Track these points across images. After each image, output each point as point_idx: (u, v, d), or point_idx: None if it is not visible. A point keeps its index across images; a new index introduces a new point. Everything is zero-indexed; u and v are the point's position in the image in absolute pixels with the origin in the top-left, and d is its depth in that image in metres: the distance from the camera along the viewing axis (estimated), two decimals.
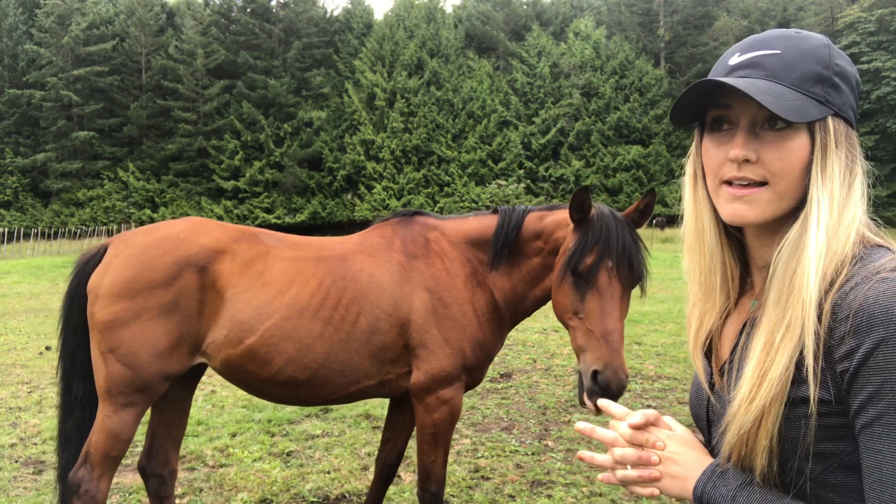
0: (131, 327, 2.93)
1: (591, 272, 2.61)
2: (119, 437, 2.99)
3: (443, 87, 49.08)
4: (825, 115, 1.02)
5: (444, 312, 3.09)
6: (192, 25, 50.24)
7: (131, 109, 49.49)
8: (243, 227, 3.34)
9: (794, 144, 1.03)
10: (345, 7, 57.08)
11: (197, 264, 3.00)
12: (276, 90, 48.67)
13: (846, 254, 1.00)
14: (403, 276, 3.14)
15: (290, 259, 3.18)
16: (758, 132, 1.05)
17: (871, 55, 46.01)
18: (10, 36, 49.43)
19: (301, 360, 3.03)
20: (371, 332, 3.07)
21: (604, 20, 55.99)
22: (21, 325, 11.18)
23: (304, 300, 3.06)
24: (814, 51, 1.05)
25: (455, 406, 3.14)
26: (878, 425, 0.90)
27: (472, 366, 3.15)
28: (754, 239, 1.14)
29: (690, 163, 1.19)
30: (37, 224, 45.18)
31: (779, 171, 1.03)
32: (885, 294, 0.92)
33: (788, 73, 1.03)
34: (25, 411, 6.14)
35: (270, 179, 48.50)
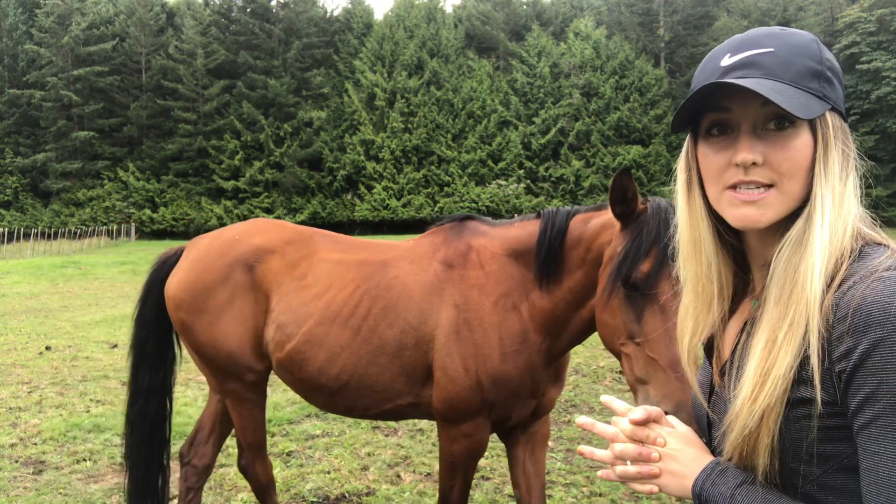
0: (203, 330, 3.08)
1: (650, 281, 2.10)
2: (245, 429, 3.23)
3: (443, 87, 49.08)
4: (825, 109, 1.01)
5: (467, 335, 2.69)
6: (192, 25, 50.24)
7: (131, 109, 49.49)
8: (303, 228, 3.27)
9: (798, 143, 1.01)
10: (345, 7, 57.10)
11: (246, 263, 3.06)
12: (276, 90, 48.67)
13: (844, 248, 0.99)
14: (436, 287, 2.80)
15: (334, 262, 3.03)
16: (760, 134, 1.03)
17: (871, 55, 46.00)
18: (10, 36, 49.43)
19: (330, 371, 2.88)
20: (399, 347, 2.80)
21: (604, 20, 55.99)
22: (21, 325, 11.18)
23: (336, 306, 2.90)
24: (805, 46, 1.04)
25: (476, 443, 2.78)
26: (875, 427, 0.89)
27: (492, 401, 2.71)
28: (756, 239, 1.12)
29: (683, 170, 1.15)
30: (37, 224, 45.18)
31: (787, 172, 1.01)
32: (882, 293, 0.90)
33: (786, 71, 1.01)
34: (25, 411, 6.14)
35: (270, 179, 48.50)
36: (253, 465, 3.33)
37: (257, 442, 3.28)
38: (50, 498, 4.26)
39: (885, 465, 0.89)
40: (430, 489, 4.42)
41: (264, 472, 3.36)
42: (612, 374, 7.53)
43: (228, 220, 48.04)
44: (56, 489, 4.40)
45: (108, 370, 7.72)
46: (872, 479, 0.90)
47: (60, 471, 4.72)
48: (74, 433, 5.46)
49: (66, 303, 14.16)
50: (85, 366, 7.98)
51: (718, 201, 1.08)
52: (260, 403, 3.22)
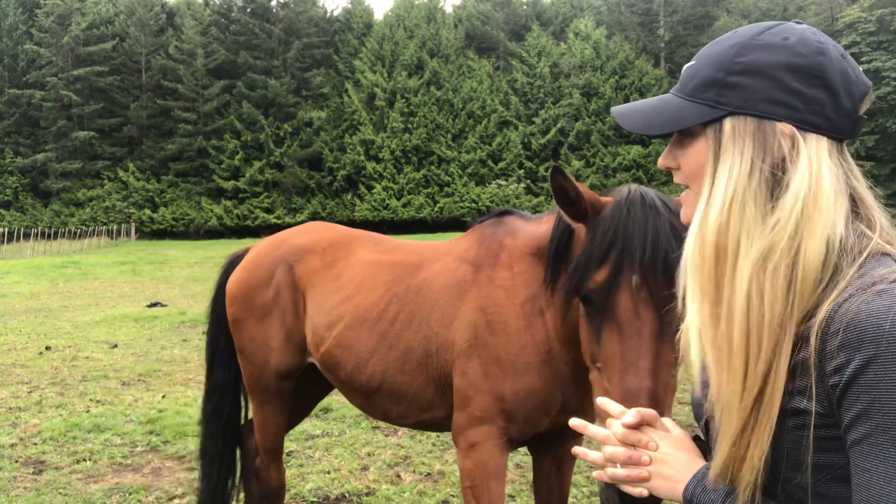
0: (248, 327, 3.14)
1: (604, 295, 1.72)
2: (266, 431, 3.24)
3: (443, 87, 49.09)
4: (713, 116, 1.02)
5: (490, 340, 2.45)
6: (192, 25, 50.24)
7: (131, 109, 49.50)
8: (351, 231, 3.24)
9: (695, 149, 1.08)
10: (345, 7, 57.12)
11: (287, 262, 3.10)
12: (276, 90, 48.67)
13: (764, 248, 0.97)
14: (462, 289, 2.59)
15: (368, 263, 2.94)
16: (678, 142, 1.12)
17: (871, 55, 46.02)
18: (10, 36, 49.44)
19: (359, 377, 2.79)
20: (425, 354, 2.63)
21: (604, 20, 56.00)
22: (21, 325, 11.18)
23: (365, 309, 2.79)
24: (717, 55, 1.05)
25: (485, 455, 2.47)
26: (867, 444, 0.89)
27: (514, 414, 2.44)
28: None
29: None
30: (37, 224, 45.18)
31: (690, 175, 1.10)
32: (877, 309, 0.89)
33: (690, 82, 1.07)
34: (25, 411, 6.14)
35: (270, 179, 48.51)
36: (268, 468, 3.36)
37: (275, 446, 3.32)
38: (50, 498, 4.26)
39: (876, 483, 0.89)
40: (430, 489, 4.42)
41: (278, 477, 3.38)
42: None
43: (228, 220, 48.07)
44: (56, 489, 4.40)
45: (108, 370, 7.73)
46: (863, 495, 0.91)
47: (60, 471, 4.71)
48: (74, 433, 5.46)
49: (66, 303, 14.17)
50: (85, 366, 7.98)
51: None
52: (283, 409, 3.26)
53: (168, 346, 9.08)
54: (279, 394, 3.18)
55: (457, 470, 4.71)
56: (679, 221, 1.52)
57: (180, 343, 9.34)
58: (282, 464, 3.41)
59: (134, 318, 11.43)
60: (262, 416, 3.24)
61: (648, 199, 1.77)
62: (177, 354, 8.57)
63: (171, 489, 4.41)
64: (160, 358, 8.35)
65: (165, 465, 4.84)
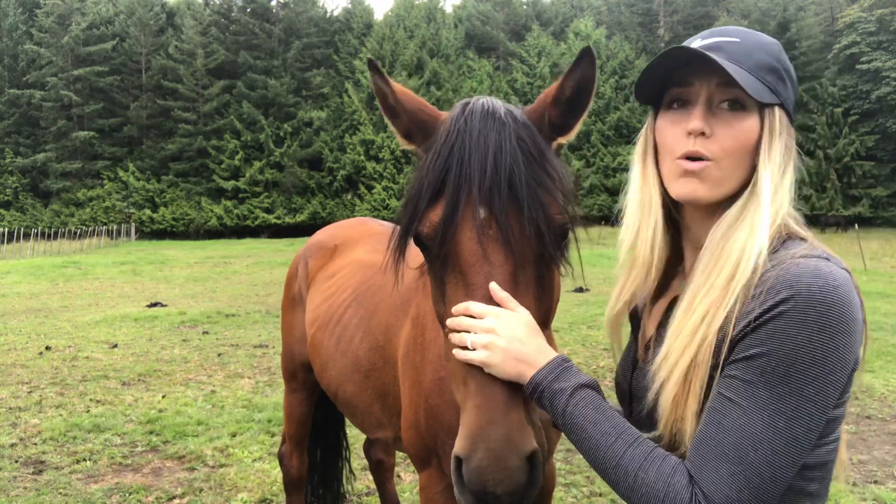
0: (284, 315, 3.33)
1: (441, 236, 1.26)
2: (291, 418, 3.31)
3: (443, 87, 49.07)
4: (775, 101, 1.08)
5: (414, 359, 2.03)
6: (192, 25, 50.24)
7: (131, 109, 49.50)
8: (377, 229, 3.23)
9: (745, 125, 1.07)
10: (345, 7, 57.12)
11: (305, 258, 3.25)
12: (276, 90, 48.67)
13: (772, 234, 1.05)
14: (404, 297, 2.21)
15: (353, 263, 2.85)
16: (714, 111, 1.09)
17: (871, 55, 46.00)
18: (10, 36, 49.43)
19: (323, 379, 2.72)
20: (370, 368, 2.34)
21: (604, 20, 55.99)
22: (21, 325, 11.17)
23: (332, 310, 2.68)
24: (767, 45, 1.11)
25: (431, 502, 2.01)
26: (744, 377, 0.95)
27: (433, 448, 1.96)
28: (693, 220, 1.17)
29: (641, 141, 1.22)
30: (37, 224, 45.18)
31: (728, 149, 1.07)
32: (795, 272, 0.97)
33: (747, 59, 1.08)
34: (25, 411, 6.14)
35: (270, 179, 48.50)
36: (290, 456, 3.42)
37: (299, 435, 3.38)
38: (50, 498, 4.26)
39: (734, 413, 0.94)
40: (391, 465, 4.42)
41: (300, 467, 3.43)
42: (613, 374, 7.53)
43: (228, 220, 48.08)
44: (56, 489, 4.40)
45: (108, 370, 7.72)
46: (716, 418, 0.96)
47: (60, 471, 4.71)
48: (74, 433, 5.46)
49: (66, 303, 14.16)
50: (85, 366, 7.98)
51: (669, 174, 1.13)
52: (309, 401, 3.32)
53: (168, 346, 9.08)
54: (304, 383, 3.25)
55: None
56: (530, 136, 1.27)
57: (180, 343, 9.34)
58: (305, 455, 3.45)
59: (134, 318, 11.43)
60: (288, 403, 3.33)
61: (490, 108, 1.30)
62: (177, 354, 8.57)
63: (171, 489, 4.41)
64: (160, 358, 8.35)
65: (165, 465, 4.84)
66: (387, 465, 3.75)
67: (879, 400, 6.37)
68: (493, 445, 1.03)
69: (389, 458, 3.75)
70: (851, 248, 24.48)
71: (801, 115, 49.49)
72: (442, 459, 1.95)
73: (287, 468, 3.44)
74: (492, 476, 1.02)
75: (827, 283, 0.94)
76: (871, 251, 25.59)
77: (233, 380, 7.24)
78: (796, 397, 0.92)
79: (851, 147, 46.85)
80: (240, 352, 8.68)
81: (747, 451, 0.92)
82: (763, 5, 53.82)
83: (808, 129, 48.90)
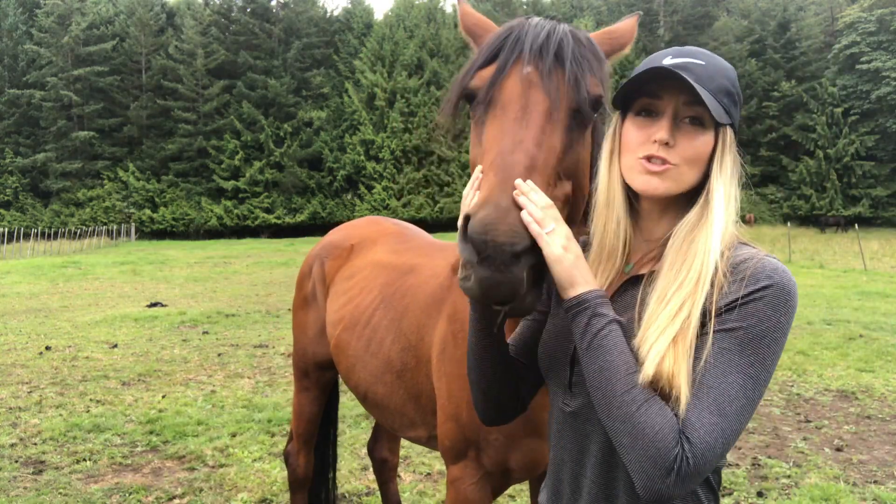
0: (297, 315, 3.34)
1: (489, 85, 1.43)
2: (300, 417, 3.34)
3: (443, 87, 49.05)
4: (728, 122, 1.24)
5: (452, 353, 2.12)
6: (192, 25, 50.25)
7: (131, 109, 49.50)
8: (389, 227, 3.24)
9: (703, 139, 1.25)
10: (345, 7, 57.11)
11: (321, 257, 3.25)
12: (276, 90, 48.68)
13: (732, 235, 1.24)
14: (437, 297, 2.33)
15: (374, 264, 2.88)
16: (677, 124, 1.25)
17: (871, 55, 46.00)
18: (10, 36, 49.43)
19: (350, 381, 2.75)
20: (402, 368, 2.43)
21: (604, 20, 56.00)
22: (21, 325, 11.17)
23: (357, 313, 2.72)
24: (726, 70, 1.28)
25: (461, 494, 2.09)
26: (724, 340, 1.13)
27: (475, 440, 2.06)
28: (648, 214, 1.35)
29: (609, 142, 1.36)
30: (37, 224, 45.18)
31: (687, 158, 1.24)
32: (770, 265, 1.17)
33: (710, 82, 1.24)
34: (25, 411, 6.14)
35: (270, 179, 48.50)
36: (297, 454, 3.44)
37: (307, 434, 3.40)
38: (50, 498, 4.26)
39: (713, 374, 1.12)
40: (430, 489, 4.42)
41: (307, 465, 3.45)
42: None
43: (228, 220, 48.09)
44: (56, 489, 4.40)
45: (108, 370, 7.73)
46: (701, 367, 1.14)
47: (60, 471, 4.71)
48: (74, 433, 5.46)
49: (66, 303, 14.17)
50: (85, 366, 7.98)
51: (630, 168, 1.29)
52: (319, 400, 3.35)
53: (168, 346, 9.08)
54: (317, 383, 3.28)
55: None
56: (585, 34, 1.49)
57: (180, 343, 9.34)
58: (311, 454, 3.47)
59: (134, 318, 11.43)
60: (298, 401, 3.35)
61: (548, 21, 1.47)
62: (177, 354, 8.57)
63: (171, 489, 4.41)
64: (160, 358, 8.36)
65: (165, 465, 4.84)
66: (391, 464, 3.75)
67: (879, 400, 6.37)
68: (500, 204, 1.20)
69: (394, 457, 3.76)
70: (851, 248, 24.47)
71: (801, 115, 49.49)
72: (483, 450, 2.06)
73: (293, 467, 3.45)
74: (493, 225, 1.17)
75: (790, 277, 1.18)
76: (871, 251, 25.58)
77: (233, 380, 7.24)
78: (761, 365, 1.13)
79: (851, 147, 46.85)
80: (240, 352, 8.68)
81: (725, 406, 1.11)
82: (763, 5, 53.81)
83: (808, 129, 48.89)
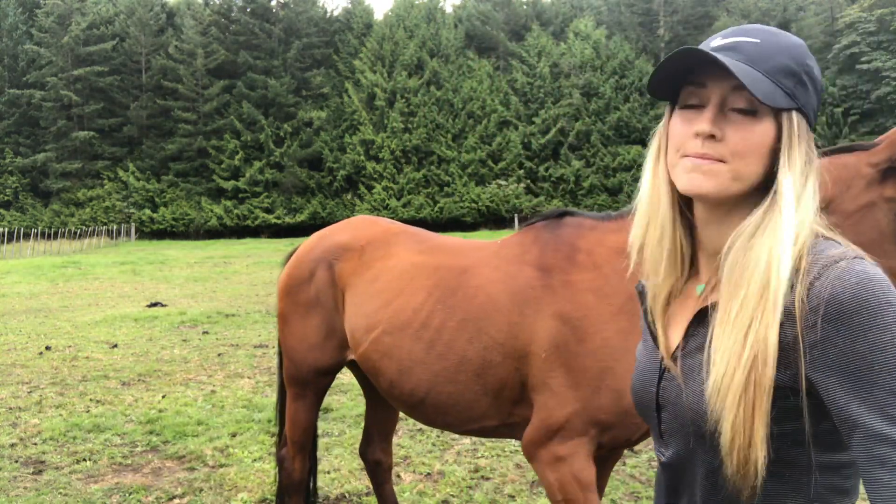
0: (291, 322, 3.20)
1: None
2: (296, 424, 3.30)
3: (443, 87, 49.09)
4: (791, 105, 1.04)
5: (579, 348, 2.35)
6: (192, 25, 50.26)
7: (131, 109, 49.50)
8: (393, 227, 3.18)
9: (758, 129, 1.05)
10: (345, 7, 57.11)
11: (326, 260, 3.09)
12: (276, 90, 48.68)
13: (805, 240, 1.02)
14: (529, 296, 2.48)
15: (408, 265, 2.85)
16: (726, 113, 1.06)
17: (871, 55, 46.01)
18: (10, 36, 49.45)
19: (404, 385, 2.72)
20: (483, 365, 2.54)
21: (604, 20, 55.99)
22: (21, 325, 11.18)
23: (406, 315, 2.71)
24: (790, 47, 1.08)
25: (577, 468, 2.39)
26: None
27: (609, 423, 2.36)
28: (704, 221, 1.14)
29: (657, 138, 1.19)
30: (37, 224, 45.18)
31: (739, 152, 1.04)
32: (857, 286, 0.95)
33: (765, 62, 1.05)
34: (25, 411, 6.14)
35: (270, 179, 48.51)
36: (292, 459, 3.42)
37: (303, 440, 3.38)
38: (50, 498, 4.26)
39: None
40: (430, 489, 4.42)
41: (301, 470, 3.44)
42: None
43: (228, 221, 48.09)
44: (56, 489, 4.40)
45: (108, 370, 7.73)
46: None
47: (60, 471, 4.71)
48: (74, 433, 5.46)
49: (66, 303, 14.17)
50: (85, 366, 7.98)
51: (674, 166, 1.11)
52: (315, 406, 3.33)
53: (168, 346, 9.08)
54: (315, 389, 3.24)
55: (457, 470, 4.71)
56: None
57: (180, 343, 9.34)
58: (306, 459, 3.45)
59: (134, 318, 11.43)
60: (294, 409, 3.31)
61: None
62: (177, 354, 8.57)
63: (171, 489, 4.41)
64: (160, 358, 8.36)
65: (165, 465, 4.84)
66: (385, 465, 3.70)
67: None
68: None
69: (388, 458, 3.71)
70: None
71: None
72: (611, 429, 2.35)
73: (289, 471, 3.44)
74: None
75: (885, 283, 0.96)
76: None
77: (233, 380, 7.24)
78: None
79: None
80: (240, 352, 8.68)
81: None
82: (763, 5, 53.81)
83: None
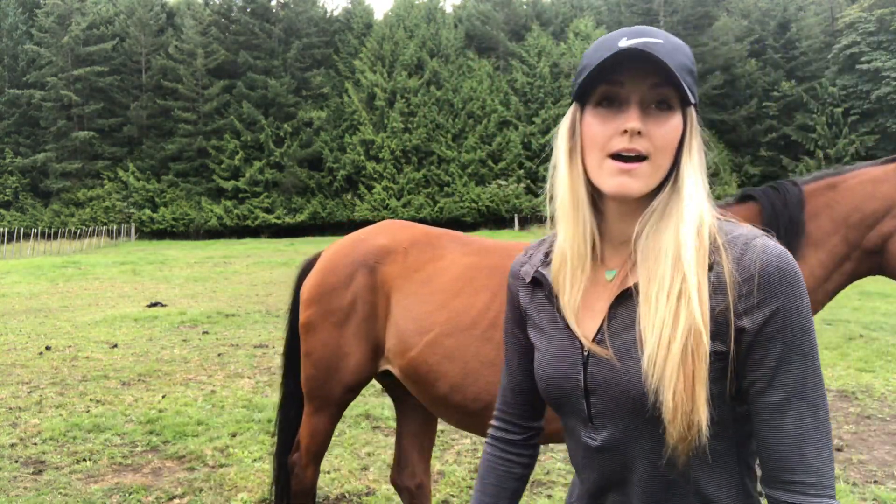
0: (321, 331, 3.01)
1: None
2: (315, 437, 3.19)
3: (443, 87, 49.09)
4: (691, 101, 1.13)
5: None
6: (192, 25, 50.26)
7: (131, 109, 49.51)
8: (431, 230, 3.11)
9: (673, 123, 1.13)
10: (345, 7, 57.12)
11: (367, 264, 2.95)
12: (276, 90, 48.68)
13: (711, 224, 1.13)
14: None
15: (462, 266, 2.80)
16: (645, 111, 1.13)
17: (871, 55, 46.00)
18: (10, 36, 49.46)
19: (468, 388, 2.63)
20: None
21: (604, 20, 55.98)
22: (21, 325, 11.17)
23: (471, 316, 2.64)
24: (683, 47, 1.16)
25: None
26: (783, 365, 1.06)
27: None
28: (616, 214, 1.22)
29: (566, 138, 1.22)
30: (37, 224, 45.19)
31: (661, 147, 1.12)
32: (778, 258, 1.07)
33: (671, 60, 1.11)
34: (25, 411, 6.14)
35: (270, 179, 48.51)
36: (305, 468, 3.31)
37: (321, 451, 3.29)
38: (50, 498, 4.26)
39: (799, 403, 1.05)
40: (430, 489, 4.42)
41: (314, 478, 3.36)
42: None
43: (228, 220, 48.09)
44: (56, 489, 4.40)
45: (108, 370, 7.73)
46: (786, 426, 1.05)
47: (60, 471, 4.71)
48: (74, 433, 5.46)
49: (66, 303, 14.16)
50: (85, 366, 7.98)
51: (599, 168, 1.16)
52: (337, 418, 3.22)
53: (168, 346, 9.08)
54: (339, 402, 3.11)
55: (457, 470, 4.71)
56: None
57: (180, 343, 9.34)
58: (319, 467, 3.37)
59: (134, 318, 11.43)
60: (314, 421, 3.17)
61: None
62: (177, 354, 8.57)
63: (171, 489, 4.41)
64: (160, 358, 8.36)
65: (165, 465, 4.84)
66: (426, 489, 3.45)
67: (879, 400, 6.37)
68: None
69: (428, 479, 3.46)
70: None
71: (801, 115, 49.49)
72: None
73: (301, 478, 3.33)
74: None
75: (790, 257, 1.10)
76: None
77: (233, 380, 7.24)
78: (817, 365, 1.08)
79: (851, 147, 46.84)
80: (240, 352, 8.68)
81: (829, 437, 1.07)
82: (763, 5, 53.80)
83: (808, 129, 48.90)
